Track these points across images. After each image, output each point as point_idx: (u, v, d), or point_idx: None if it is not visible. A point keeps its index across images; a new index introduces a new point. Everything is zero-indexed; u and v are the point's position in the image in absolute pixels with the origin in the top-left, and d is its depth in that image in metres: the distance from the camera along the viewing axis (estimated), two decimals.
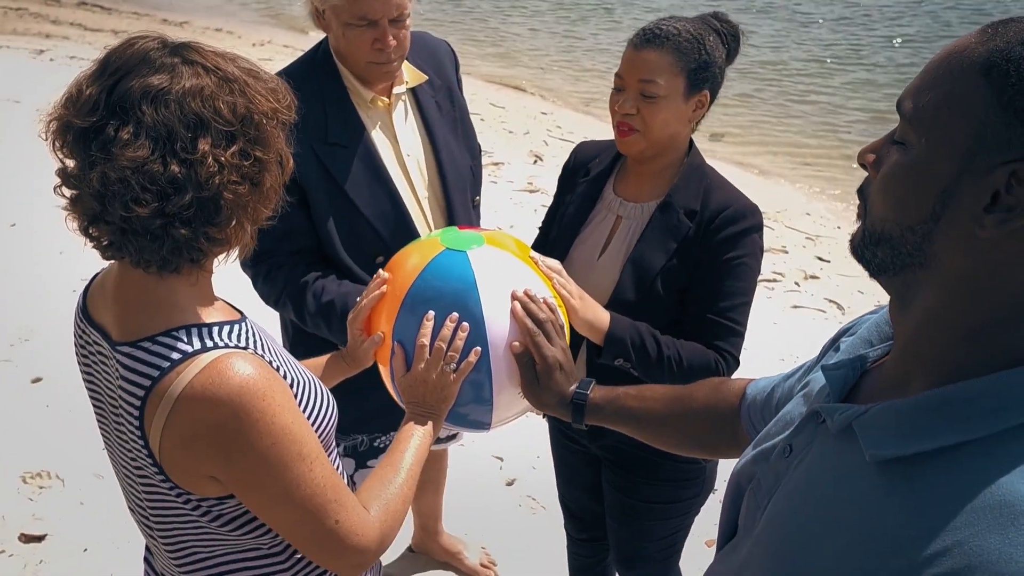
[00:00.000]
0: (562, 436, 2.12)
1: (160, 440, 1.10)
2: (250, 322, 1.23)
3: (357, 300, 1.58)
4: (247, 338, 1.18)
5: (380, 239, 1.89)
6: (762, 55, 9.72)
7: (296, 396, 1.20)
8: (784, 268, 5.17)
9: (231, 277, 1.63)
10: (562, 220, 1.92)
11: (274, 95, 1.14)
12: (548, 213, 2.03)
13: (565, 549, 2.34)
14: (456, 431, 2.36)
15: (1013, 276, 0.73)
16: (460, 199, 2.00)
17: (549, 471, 2.27)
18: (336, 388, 1.50)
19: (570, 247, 1.87)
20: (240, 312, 1.26)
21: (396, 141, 1.92)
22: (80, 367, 1.28)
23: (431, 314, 1.45)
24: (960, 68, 0.74)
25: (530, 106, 8.54)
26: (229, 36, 10.22)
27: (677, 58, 1.69)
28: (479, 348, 1.44)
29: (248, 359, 1.12)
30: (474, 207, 2.08)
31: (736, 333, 1.75)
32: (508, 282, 1.49)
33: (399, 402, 1.52)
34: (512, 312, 1.47)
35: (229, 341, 1.14)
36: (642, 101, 1.70)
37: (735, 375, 1.69)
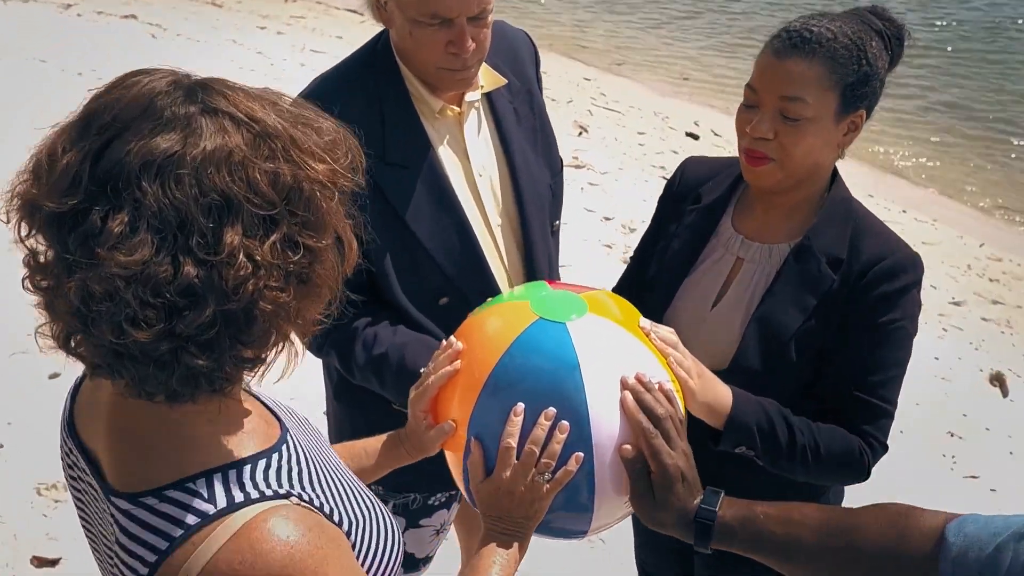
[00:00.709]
0: None
1: None
2: (291, 438, 0.92)
3: (421, 371, 1.27)
4: (288, 473, 0.86)
5: (445, 277, 1.56)
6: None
7: (353, 543, 0.90)
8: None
9: None
10: (664, 256, 1.58)
11: (332, 152, 0.81)
12: (643, 243, 1.69)
13: None
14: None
15: None
16: (539, 226, 1.67)
17: None
18: None
19: (675, 293, 1.54)
20: (279, 420, 0.94)
21: (467, 158, 1.58)
22: (67, 481, 0.98)
23: (520, 407, 1.13)
24: None
25: (572, 71, 8.08)
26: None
27: (831, 69, 1.33)
28: (580, 454, 1.12)
29: (292, 517, 0.81)
30: (553, 233, 1.74)
31: (887, 414, 1.42)
32: (618, 364, 1.17)
33: (472, 506, 1.21)
34: (622, 404, 1.15)
35: (266, 488, 0.83)
36: (782, 124, 1.35)
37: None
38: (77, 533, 2.67)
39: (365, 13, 1.59)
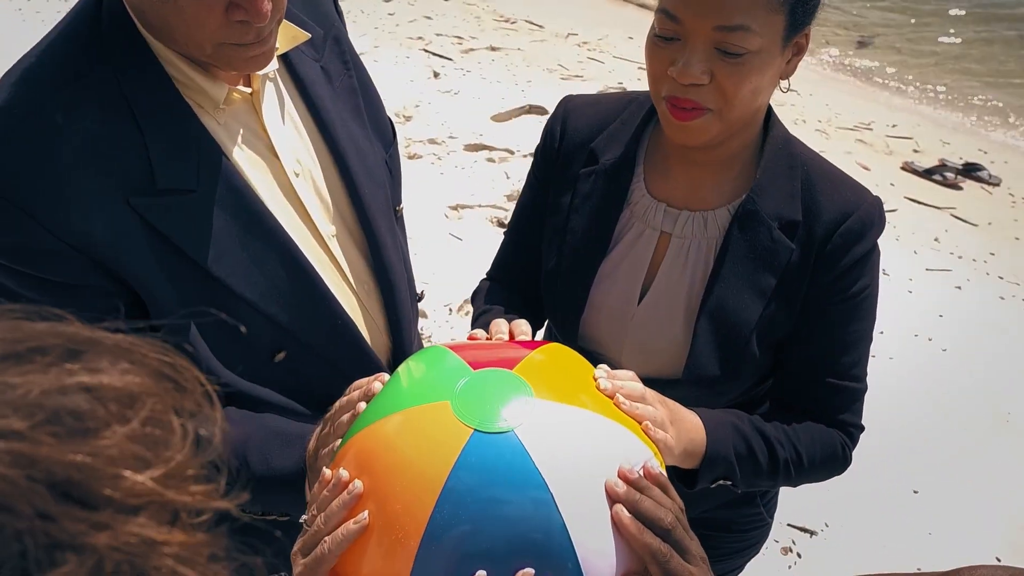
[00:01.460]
0: None
1: None
2: None
3: (302, 519, 0.85)
4: None
5: (277, 327, 1.09)
6: None
7: None
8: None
9: None
10: (563, 241, 1.21)
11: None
12: (521, 220, 1.30)
13: None
14: None
15: None
16: (383, 221, 1.22)
17: None
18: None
19: (588, 289, 1.18)
20: None
21: (274, 156, 1.08)
22: None
23: (481, 575, 0.75)
24: None
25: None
26: None
27: None
28: None
29: None
30: (397, 220, 1.30)
31: (861, 394, 1.18)
32: (596, 468, 0.82)
33: None
34: (618, 527, 0.80)
35: None
36: (719, 61, 0.99)
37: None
38: None
39: None
